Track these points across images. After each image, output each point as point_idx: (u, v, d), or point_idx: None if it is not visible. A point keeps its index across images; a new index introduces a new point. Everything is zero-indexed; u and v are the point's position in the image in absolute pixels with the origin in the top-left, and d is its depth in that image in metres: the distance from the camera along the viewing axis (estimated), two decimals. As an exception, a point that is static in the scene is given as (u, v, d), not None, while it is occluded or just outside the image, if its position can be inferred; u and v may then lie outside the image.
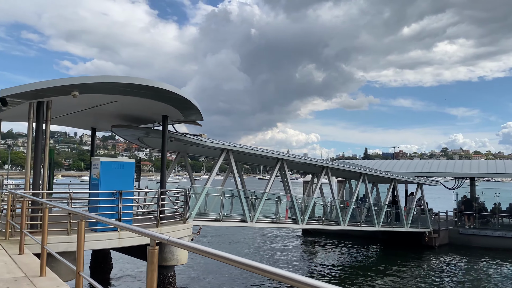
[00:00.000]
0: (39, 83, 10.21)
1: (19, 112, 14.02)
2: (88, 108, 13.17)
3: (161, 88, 11.04)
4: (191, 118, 13.82)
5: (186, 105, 12.50)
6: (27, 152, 11.13)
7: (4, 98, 10.21)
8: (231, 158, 15.86)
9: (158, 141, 15.90)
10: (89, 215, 4.95)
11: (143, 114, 14.19)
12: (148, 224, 12.35)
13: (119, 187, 11.57)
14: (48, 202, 6.86)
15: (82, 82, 10.23)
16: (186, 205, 13.57)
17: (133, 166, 12.12)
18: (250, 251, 22.63)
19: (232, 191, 17.38)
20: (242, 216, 16.26)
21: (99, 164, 11.46)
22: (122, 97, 11.80)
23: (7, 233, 9.96)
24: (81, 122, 16.52)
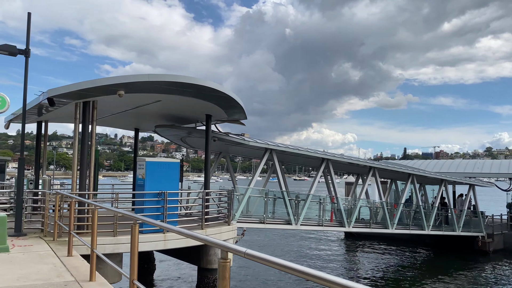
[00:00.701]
0: (85, 82, 10.11)
1: (65, 112, 14.14)
2: (132, 108, 13.06)
3: (206, 86, 10.70)
4: (234, 117, 13.44)
5: (230, 104, 12.11)
6: (73, 152, 11.09)
7: (52, 98, 10.18)
8: (275, 158, 15.36)
9: (201, 141, 15.64)
10: (146, 219, 4.57)
11: (186, 114, 13.95)
12: (193, 225, 12.06)
13: (164, 188, 11.34)
14: (98, 205, 6.60)
15: (127, 81, 10.05)
16: (230, 206, 13.20)
17: (178, 166, 11.87)
18: (293, 254, 22.05)
19: (274, 192, 16.90)
20: (286, 218, 15.72)
21: (144, 165, 11.26)
22: (166, 96, 11.57)
23: (55, 233, 9.92)
24: (124, 123, 16.55)
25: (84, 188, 10.93)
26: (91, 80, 10.15)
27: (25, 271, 6.87)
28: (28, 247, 8.83)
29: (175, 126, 14.32)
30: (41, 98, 10.69)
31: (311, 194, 16.12)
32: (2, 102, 14.98)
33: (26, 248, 8.71)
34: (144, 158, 11.39)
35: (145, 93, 10.98)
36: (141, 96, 11.44)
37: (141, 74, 10.17)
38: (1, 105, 14.92)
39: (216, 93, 11.19)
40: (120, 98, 11.60)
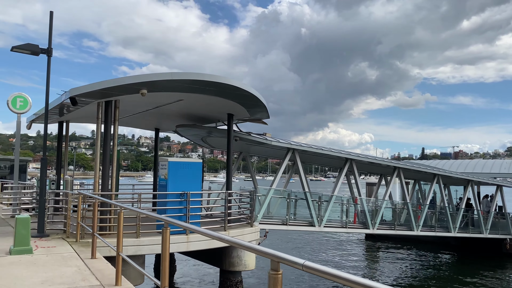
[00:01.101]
0: (107, 81, 9.96)
1: (86, 112, 14.07)
2: (153, 108, 12.89)
3: (229, 85, 10.43)
4: (256, 116, 13.15)
5: (253, 103, 11.82)
6: (95, 152, 10.96)
7: (74, 97, 10.05)
8: (297, 158, 15.02)
9: (222, 141, 15.40)
10: (177, 222, 4.30)
11: (207, 113, 13.72)
12: (215, 227, 11.81)
13: (186, 188, 11.11)
14: (124, 206, 6.38)
15: (150, 79, 9.85)
16: (252, 207, 12.90)
17: (200, 166, 11.63)
18: (316, 256, 21.64)
19: (295, 193, 16.55)
20: (309, 220, 15.35)
21: (167, 165, 11.05)
22: (189, 95, 11.35)
23: (77, 235, 9.78)
24: (145, 123, 16.43)
25: (106, 188, 10.78)
26: (113, 79, 9.98)
27: (49, 274, 6.70)
28: (51, 249, 8.69)
29: (196, 126, 14.11)
30: (63, 98, 10.59)
31: (335, 195, 15.70)
32: (24, 103, 15.01)
33: (49, 250, 8.57)
34: (167, 158, 11.18)
35: (167, 92, 10.78)
36: (163, 95, 11.24)
37: (164, 72, 9.97)
38: (23, 105, 14.96)
39: (239, 91, 10.92)
40: (142, 98, 11.43)
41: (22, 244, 8.11)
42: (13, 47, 10.08)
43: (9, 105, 14.57)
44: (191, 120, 14.82)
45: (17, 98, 14.76)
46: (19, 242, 8.08)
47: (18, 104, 14.69)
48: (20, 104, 14.76)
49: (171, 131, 18.25)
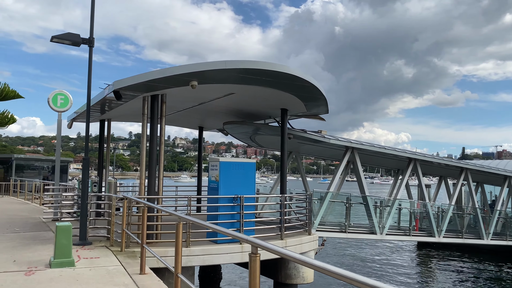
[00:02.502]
0: (154, 72, 8.90)
1: (128, 109, 13.18)
2: (201, 104, 11.79)
3: (288, 74, 9.15)
4: (313, 111, 11.80)
5: (312, 95, 10.49)
6: (141, 152, 9.95)
7: (118, 91, 9.06)
8: (357, 158, 13.54)
9: (273, 139, 14.16)
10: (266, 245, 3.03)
11: (258, 109, 12.49)
12: (271, 235, 10.55)
13: (239, 191, 9.92)
14: (183, 216, 5.20)
15: (201, 69, 8.71)
16: (310, 212, 11.56)
17: (254, 167, 10.42)
18: (369, 266, 19.96)
19: (346, 196, 15.07)
20: (369, 227, 13.82)
21: (218, 165, 9.91)
22: (241, 88, 10.17)
23: (122, 243, 8.77)
24: (189, 121, 15.42)
25: (153, 191, 9.75)
26: (160, 69, 8.93)
27: (94, 294, 5.65)
28: (95, 261, 7.69)
29: (245, 123, 12.91)
30: (106, 92, 9.64)
31: (397, 200, 14.09)
32: (65, 101, 14.33)
33: (93, 262, 7.57)
34: (218, 158, 10.03)
35: (218, 84, 9.61)
36: (214, 88, 10.11)
37: (216, 61, 8.79)
38: (64, 103, 14.28)
39: (299, 81, 9.61)
40: (189, 92, 10.36)
41: (63, 256, 7.15)
42: (52, 37, 9.23)
43: (49, 103, 13.93)
44: (239, 117, 13.65)
45: (57, 95, 14.11)
46: (60, 253, 7.12)
47: (58, 102, 14.04)
48: (60, 102, 14.11)
49: (215, 130, 17.19)
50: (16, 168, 27.52)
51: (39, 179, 26.59)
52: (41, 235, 10.46)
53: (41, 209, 16.01)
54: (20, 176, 26.38)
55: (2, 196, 25.11)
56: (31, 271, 6.75)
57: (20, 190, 22.76)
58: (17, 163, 27.63)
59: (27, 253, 8.12)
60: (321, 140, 12.48)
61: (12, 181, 25.00)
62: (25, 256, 7.89)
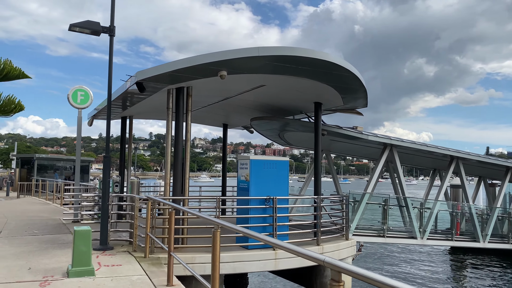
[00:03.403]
0: (179, 61, 8.13)
1: (150, 106, 12.49)
2: (227, 98, 10.98)
3: (327, 62, 8.23)
4: (351, 104, 10.82)
5: (352, 86, 9.54)
6: (166, 150, 9.19)
7: (141, 82, 8.31)
8: (396, 157, 12.49)
9: (303, 136, 13.25)
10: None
11: (289, 103, 11.60)
12: (306, 240, 9.65)
13: (272, 192, 9.06)
14: (222, 223, 4.36)
15: (231, 57, 7.88)
16: (347, 215, 10.60)
17: (287, 165, 9.53)
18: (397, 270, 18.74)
19: (383, 197, 14.01)
20: (408, 230, 12.75)
21: (248, 163, 9.06)
22: (273, 79, 9.30)
23: (146, 249, 8.01)
24: (213, 118, 14.64)
25: (178, 192, 8.96)
26: (186, 58, 8.14)
27: (116, 312, 4.86)
28: (117, 269, 6.94)
29: (276, 118, 12.02)
30: (129, 84, 8.92)
31: (440, 201, 12.98)
32: (85, 97, 13.73)
33: (115, 270, 6.82)
34: (248, 156, 9.18)
35: (249, 74, 8.77)
36: (243, 80, 9.28)
37: (249, 47, 7.94)
38: (84, 99, 13.68)
39: (338, 71, 8.67)
40: (216, 84, 9.56)
41: (82, 264, 6.41)
42: (71, 25, 8.55)
43: (69, 99, 13.36)
44: (267, 112, 12.78)
45: (77, 91, 13.53)
46: (78, 260, 6.38)
47: (78, 99, 13.46)
48: (81, 98, 13.53)
49: (240, 127, 16.38)
50: (38, 168, 27.35)
51: (61, 179, 26.35)
52: (60, 238, 9.83)
53: (62, 210, 15.51)
54: (42, 176, 26.18)
55: (25, 196, 24.93)
56: (46, 281, 6.04)
57: (41, 190, 22.47)
58: (39, 163, 27.46)
59: (44, 259, 7.45)
60: (358, 137, 11.51)
61: (34, 181, 24.78)
62: (42, 263, 7.21)
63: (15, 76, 5.92)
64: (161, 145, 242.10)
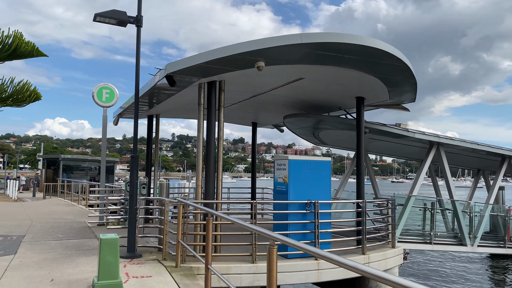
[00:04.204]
0: (213, 51, 7.38)
1: (177, 103, 11.85)
2: (261, 94, 10.20)
3: (380, 51, 7.34)
4: (397, 99, 9.86)
5: (401, 78, 8.60)
6: (197, 149, 8.47)
7: (171, 75, 7.61)
8: (443, 156, 11.44)
9: (340, 135, 12.35)
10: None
11: (327, 98, 10.72)
12: (350, 248, 8.77)
13: (313, 196, 8.21)
14: (278, 237, 3.55)
15: (270, 45, 7.07)
16: (393, 221, 9.65)
17: (329, 166, 8.66)
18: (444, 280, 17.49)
19: (423, 200, 12.96)
20: (456, 236, 11.66)
21: (286, 164, 8.25)
22: (313, 71, 8.47)
23: (178, 258, 7.28)
24: (242, 116, 13.89)
25: (211, 195, 8.22)
26: (220, 48, 7.38)
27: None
28: (147, 281, 6.24)
29: (312, 115, 11.16)
30: (157, 78, 8.24)
31: (490, 205, 11.84)
32: (110, 95, 13.19)
33: (144, 283, 6.12)
34: (286, 156, 8.37)
35: (288, 66, 7.95)
36: (280, 72, 8.48)
37: (289, 34, 7.13)
38: (110, 97, 13.14)
39: (389, 60, 7.76)
40: (250, 78, 8.81)
41: (109, 276, 5.72)
42: (96, 14, 7.91)
43: (94, 97, 12.83)
44: (301, 109, 11.93)
45: (102, 89, 13.00)
46: (104, 272, 5.69)
47: (104, 97, 12.92)
48: (106, 96, 12.99)
49: (270, 126, 15.57)
50: (63, 169, 27.25)
51: (86, 180, 26.15)
52: (85, 243, 9.24)
53: (87, 212, 15.06)
54: (68, 176, 26.03)
55: (50, 197, 24.81)
56: (70, 297, 5.38)
57: (67, 191, 22.22)
58: (64, 164, 27.35)
59: (68, 269, 6.82)
60: (404, 134, 10.54)
61: (59, 181, 24.62)
62: (65, 273, 6.58)
63: (27, 53, 5.28)
64: (184, 146, 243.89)
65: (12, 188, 26.93)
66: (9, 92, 5.04)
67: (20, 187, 31.41)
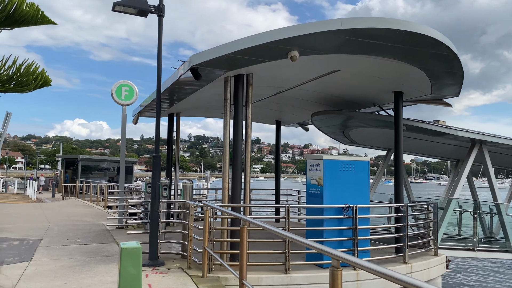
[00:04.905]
0: (241, 40, 6.71)
1: (199, 100, 11.25)
2: (287, 90, 9.51)
3: (430, 38, 6.58)
4: (439, 93, 9.03)
5: (448, 70, 7.78)
6: (223, 147, 7.83)
7: (196, 68, 6.97)
8: (486, 155, 10.54)
9: (373, 133, 11.57)
10: None
11: (360, 93, 9.96)
12: (391, 257, 8.00)
13: (350, 200, 7.48)
14: (341, 255, 2.86)
15: (307, 32, 6.36)
16: (436, 226, 8.83)
17: (367, 167, 7.91)
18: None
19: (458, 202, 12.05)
20: (502, 243, 10.75)
21: (321, 165, 7.53)
22: (349, 62, 7.75)
23: (204, 267, 6.64)
24: (266, 114, 13.20)
25: (238, 198, 7.56)
26: (249, 37, 6.72)
27: None
28: (172, 294, 5.62)
29: (343, 112, 10.39)
30: (181, 72, 7.61)
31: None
32: (130, 92, 12.68)
33: (169, 297, 5.50)
34: (321, 156, 7.65)
35: (323, 56, 7.23)
36: (313, 64, 7.77)
37: (328, 20, 6.41)
38: (129, 95, 12.63)
39: (438, 49, 6.98)
40: (281, 70, 8.14)
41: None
42: (115, 3, 7.33)
43: (113, 95, 12.34)
44: (329, 106, 11.18)
45: (121, 87, 12.50)
46: (126, 286, 5.09)
47: (123, 94, 12.42)
48: (125, 94, 12.48)
49: (294, 124, 14.86)
50: (82, 169, 27.03)
51: (105, 180, 25.87)
52: (104, 249, 8.70)
53: (106, 214, 14.60)
54: (87, 177, 25.78)
55: (69, 197, 24.59)
56: (87, 314, 4.78)
57: (85, 192, 21.92)
58: (83, 164, 27.14)
59: (85, 279, 6.25)
60: (446, 132, 9.72)
61: (78, 182, 24.37)
62: (83, 283, 6.01)
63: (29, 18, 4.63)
64: (200, 146, 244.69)
65: (31, 188, 26.87)
66: (10, 74, 4.44)
67: (39, 187, 31.43)
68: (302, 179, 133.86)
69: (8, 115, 13.59)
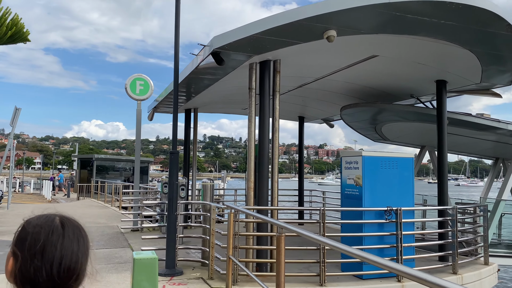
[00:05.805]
0: (270, 18, 5.86)
1: (218, 94, 10.48)
2: (317, 79, 8.63)
3: (491, 12, 5.60)
4: (490, 81, 8.01)
5: (506, 54, 6.79)
6: (248, 143, 7.00)
7: (219, 52, 6.15)
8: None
9: (407, 128, 10.59)
10: None
11: (397, 83, 9.01)
12: (438, 266, 7.04)
13: (393, 201, 6.55)
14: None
15: (346, 7, 5.46)
16: (486, 232, 7.83)
17: (411, 164, 6.98)
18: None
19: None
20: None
21: (360, 162, 6.63)
22: (390, 46, 6.85)
23: (229, 278, 5.80)
24: (287, 109, 12.23)
25: (265, 201, 6.71)
26: (279, 13, 5.86)
27: None
28: (193, 313, 4.80)
29: (378, 104, 9.44)
30: (201, 57, 6.81)
31: None
32: (145, 87, 11.97)
33: (190, 316, 4.67)
34: (360, 151, 6.75)
35: (361, 37, 6.32)
36: (350, 48, 6.89)
37: (371, -8, 5.49)
38: (144, 90, 11.92)
39: (496, 27, 5.99)
40: (310, 57, 7.30)
41: (144, 308, 4.33)
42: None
43: (127, 90, 11.63)
44: (359, 98, 10.24)
45: (136, 81, 11.80)
46: (139, 304, 4.30)
47: (138, 89, 11.71)
48: (140, 88, 11.78)
49: (319, 120, 13.95)
50: (98, 169, 26.56)
51: (120, 180, 25.33)
52: (117, 254, 7.96)
53: (120, 215, 13.93)
54: (103, 177, 25.27)
55: (84, 198, 24.11)
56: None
57: (100, 192, 21.37)
58: (98, 164, 26.67)
59: (94, 292, 5.47)
60: (496, 126, 8.70)
61: (93, 182, 23.89)
62: (91, 297, 5.23)
63: None
64: (215, 147, 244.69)
65: (47, 189, 26.52)
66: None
67: (55, 187, 31.14)
68: (318, 179, 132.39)
69: (17, 110, 13.03)
